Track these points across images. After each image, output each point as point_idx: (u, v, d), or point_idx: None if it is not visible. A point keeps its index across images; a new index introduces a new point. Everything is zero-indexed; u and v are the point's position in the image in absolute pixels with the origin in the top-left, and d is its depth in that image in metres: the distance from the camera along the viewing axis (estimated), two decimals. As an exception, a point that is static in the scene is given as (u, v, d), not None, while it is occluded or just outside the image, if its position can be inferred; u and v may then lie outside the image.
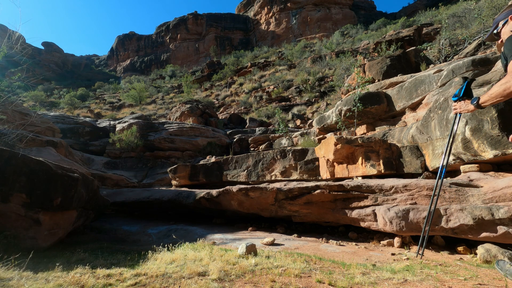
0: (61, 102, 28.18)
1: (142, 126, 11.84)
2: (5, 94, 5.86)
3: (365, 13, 54.96)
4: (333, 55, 24.47)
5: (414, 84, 5.86)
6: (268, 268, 2.34)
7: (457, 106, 2.09)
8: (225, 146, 11.99)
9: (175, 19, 58.62)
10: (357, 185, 3.83)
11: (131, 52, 61.65)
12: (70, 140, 10.72)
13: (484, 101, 1.83)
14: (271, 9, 51.34)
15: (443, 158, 2.10)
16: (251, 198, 4.68)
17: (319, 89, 19.16)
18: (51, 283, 2.09)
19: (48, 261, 2.95)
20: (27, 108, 10.75)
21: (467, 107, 1.98)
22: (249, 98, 22.14)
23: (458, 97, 2.05)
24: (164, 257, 2.89)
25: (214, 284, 2.00)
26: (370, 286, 1.91)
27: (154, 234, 4.93)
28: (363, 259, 2.97)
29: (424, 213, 3.09)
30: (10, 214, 3.44)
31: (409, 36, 12.29)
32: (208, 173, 7.46)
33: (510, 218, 2.60)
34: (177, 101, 23.41)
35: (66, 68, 59.51)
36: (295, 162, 6.19)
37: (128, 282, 2.09)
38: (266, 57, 35.97)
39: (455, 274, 2.19)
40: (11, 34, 4.74)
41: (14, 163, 3.48)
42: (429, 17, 29.00)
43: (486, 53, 6.80)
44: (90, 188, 4.47)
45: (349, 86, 8.52)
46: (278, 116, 12.41)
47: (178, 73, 42.71)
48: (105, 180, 8.96)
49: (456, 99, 2.06)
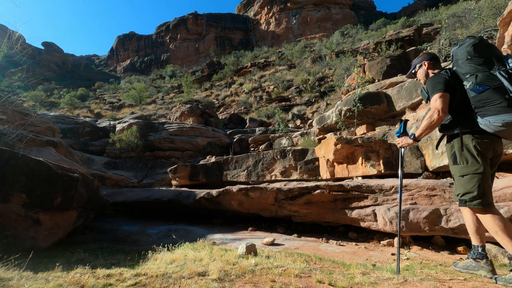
0: (61, 102, 28.19)
1: (142, 126, 11.84)
2: (5, 94, 5.86)
3: (365, 13, 54.96)
4: (333, 55, 24.47)
5: (414, 84, 5.86)
6: (268, 268, 2.34)
7: (399, 141, 2.38)
8: (225, 146, 11.99)
9: (175, 19, 58.64)
10: (357, 185, 3.83)
11: (131, 52, 61.67)
12: (70, 140, 10.72)
13: (418, 135, 2.17)
14: (271, 9, 51.35)
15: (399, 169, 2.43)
16: (251, 198, 4.68)
17: (319, 89, 19.16)
18: (51, 283, 2.09)
19: (48, 261, 2.95)
20: (27, 108, 10.76)
21: (407, 141, 2.30)
22: (249, 98, 22.15)
23: (399, 133, 2.42)
24: (164, 257, 2.89)
25: (214, 284, 2.00)
26: (370, 286, 1.91)
27: (154, 234, 4.93)
28: (363, 259, 2.97)
29: (424, 213, 3.09)
30: (10, 214, 3.44)
31: (409, 36, 12.30)
32: (208, 173, 7.46)
33: (510, 218, 2.60)
34: (177, 101, 23.40)
35: (66, 68, 59.52)
36: (295, 162, 6.19)
37: (128, 282, 2.09)
38: (266, 57, 35.97)
39: (455, 274, 2.19)
40: (11, 34, 4.74)
41: (14, 163, 3.48)
42: (429, 17, 29.01)
43: (486, 53, 6.80)
44: (90, 188, 4.47)
45: (349, 86, 8.52)
46: (278, 116, 12.41)
47: (178, 73, 42.71)
48: (105, 180, 8.96)
49: (398, 135, 2.42)
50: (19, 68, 5.83)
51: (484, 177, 1.95)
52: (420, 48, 9.64)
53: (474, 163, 1.96)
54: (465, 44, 2.10)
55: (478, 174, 1.94)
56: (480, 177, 1.94)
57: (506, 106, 1.81)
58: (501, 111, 1.82)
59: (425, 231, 3.12)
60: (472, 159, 1.97)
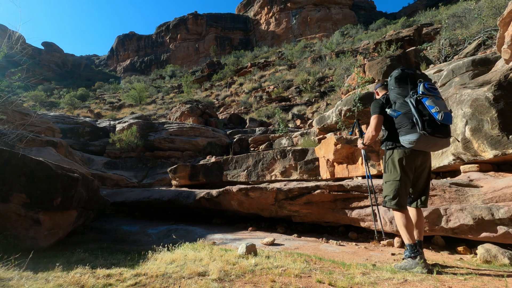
0: (61, 102, 28.18)
1: (142, 126, 11.84)
2: (5, 94, 5.86)
3: (365, 13, 54.95)
4: (333, 55, 24.47)
5: (414, 84, 5.85)
6: (268, 268, 2.34)
7: (358, 143, 2.80)
8: (225, 146, 11.99)
9: (175, 19, 58.60)
10: (357, 185, 3.83)
11: (131, 52, 61.64)
12: (70, 140, 10.72)
13: (365, 142, 2.63)
14: (271, 9, 51.33)
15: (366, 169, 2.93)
16: (251, 198, 4.68)
17: (319, 89, 19.16)
18: (51, 283, 2.09)
19: (48, 261, 2.95)
20: (27, 108, 10.76)
21: (360, 145, 2.76)
22: (249, 98, 22.14)
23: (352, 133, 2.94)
24: (164, 257, 2.89)
25: (214, 284, 2.00)
26: (370, 286, 1.91)
27: (154, 234, 4.93)
28: (363, 259, 2.97)
29: (424, 213, 3.09)
30: (10, 214, 3.44)
31: (409, 36, 12.30)
32: (208, 173, 7.46)
33: (510, 218, 2.60)
34: (177, 101, 23.40)
35: (66, 68, 59.51)
36: (295, 162, 6.19)
37: (128, 282, 2.09)
38: (266, 57, 35.96)
39: (455, 274, 2.19)
40: (11, 34, 4.74)
41: (14, 163, 3.48)
42: (429, 17, 29.00)
43: (486, 53, 6.80)
44: (90, 188, 4.47)
45: (349, 86, 8.52)
46: (278, 116, 12.40)
47: (178, 73, 42.71)
48: (105, 180, 8.96)
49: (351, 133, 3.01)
50: (19, 68, 5.83)
51: (402, 184, 2.36)
52: (420, 48, 9.63)
53: (394, 172, 2.39)
54: (392, 75, 2.50)
55: (396, 181, 2.37)
56: (397, 184, 2.37)
57: (410, 128, 2.26)
58: (408, 132, 2.28)
59: (425, 231, 3.12)
60: (394, 169, 2.40)
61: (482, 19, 9.18)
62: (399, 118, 2.34)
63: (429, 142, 2.24)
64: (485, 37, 8.33)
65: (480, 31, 9.00)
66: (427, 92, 2.24)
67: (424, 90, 2.26)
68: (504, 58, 4.16)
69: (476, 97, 3.30)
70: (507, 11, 3.81)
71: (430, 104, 2.19)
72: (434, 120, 2.16)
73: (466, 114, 3.35)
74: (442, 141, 2.25)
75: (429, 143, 2.24)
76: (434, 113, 2.15)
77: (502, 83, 3.22)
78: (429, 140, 2.21)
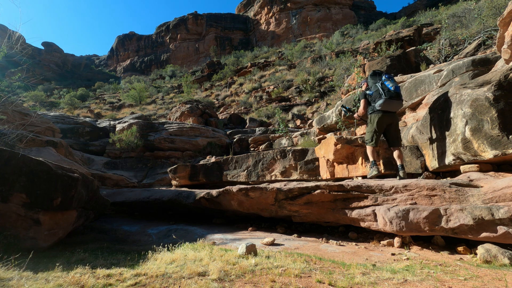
0: (61, 102, 28.19)
1: (142, 126, 11.84)
2: (5, 94, 5.86)
3: (365, 13, 54.97)
4: (333, 55, 24.48)
5: (414, 84, 5.86)
6: (268, 268, 2.34)
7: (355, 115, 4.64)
8: (225, 146, 11.99)
9: (175, 19, 58.64)
10: (357, 185, 3.83)
11: (131, 52, 61.67)
12: (70, 140, 10.72)
13: (359, 114, 4.44)
14: (271, 9, 51.35)
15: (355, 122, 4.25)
16: (251, 198, 4.68)
17: (319, 89, 19.16)
18: (51, 283, 2.09)
19: (48, 261, 2.95)
20: (27, 108, 10.75)
21: (355, 116, 4.60)
22: (249, 98, 22.15)
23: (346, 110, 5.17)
24: (164, 257, 2.89)
25: (214, 284, 2.00)
26: (370, 286, 1.91)
27: (154, 234, 4.92)
28: (363, 259, 2.97)
29: (424, 213, 3.09)
30: (10, 214, 3.44)
31: (409, 36, 12.30)
32: (208, 173, 7.46)
33: (510, 218, 2.60)
34: (177, 101, 23.41)
35: (66, 68, 59.53)
36: (295, 162, 6.19)
37: (128, 282, 2.09)
38: (266, 57, 35.97)
39: (455, 274, 2.19)
40: (11, 34, 4.74)
41: (14, 163, 3.48)
42: (429, 17, 29.02)
43: (486, 53, 6.80)
44: (90, 188, 4.47)
45: (349, 86, 8.52)
46: (278, 116, 12.41)
47: (178, 73, 42.72)
48: (105, 180, 8.96)
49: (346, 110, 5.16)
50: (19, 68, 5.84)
51: (376, 133, 4.12)
52: (420, 48, 9.63)
53: (371, 126, 4.17)
54: (369, 74, 4.35)
55: (372, 131, 4.15)
56: (373, 132, 4.14)
57: (379, 98, 4.02)
58: (378, 100, 4.03)
59: (425, 231, 3.11)
60: (371, 124, 4.17)
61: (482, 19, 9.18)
62: (373, 94, 4.14)
63: (389, 104, 3.96)
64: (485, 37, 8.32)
65: (480, 31, 9.00)
66: (386, 78, 4.09)
67: (385, 78, 4.10)
68: (504, 58, 4.16)
69: (476, 97, 3.30)
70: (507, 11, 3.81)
71: (388, 83, 4.02)
72: (390, 91, 3.95)
73: (466, 114, 3.35)
74: (396, 103, 4.00)
75: (390, 104, 3.96)
76: (390, 87, 3.97)
77: (502, 83, 3.22)
78: (389, 102, 3.95)
